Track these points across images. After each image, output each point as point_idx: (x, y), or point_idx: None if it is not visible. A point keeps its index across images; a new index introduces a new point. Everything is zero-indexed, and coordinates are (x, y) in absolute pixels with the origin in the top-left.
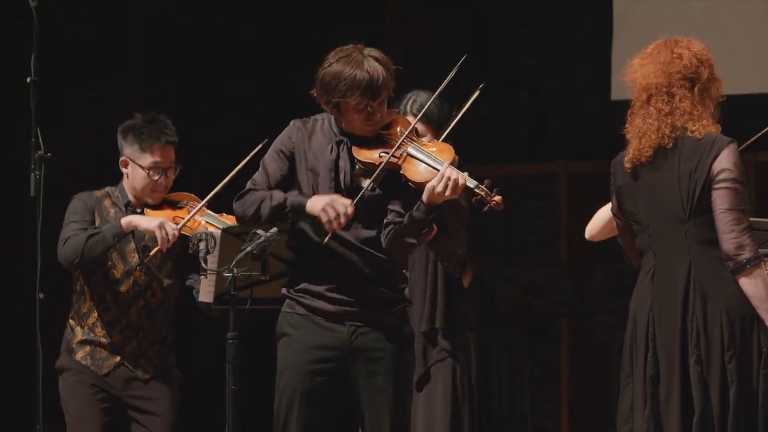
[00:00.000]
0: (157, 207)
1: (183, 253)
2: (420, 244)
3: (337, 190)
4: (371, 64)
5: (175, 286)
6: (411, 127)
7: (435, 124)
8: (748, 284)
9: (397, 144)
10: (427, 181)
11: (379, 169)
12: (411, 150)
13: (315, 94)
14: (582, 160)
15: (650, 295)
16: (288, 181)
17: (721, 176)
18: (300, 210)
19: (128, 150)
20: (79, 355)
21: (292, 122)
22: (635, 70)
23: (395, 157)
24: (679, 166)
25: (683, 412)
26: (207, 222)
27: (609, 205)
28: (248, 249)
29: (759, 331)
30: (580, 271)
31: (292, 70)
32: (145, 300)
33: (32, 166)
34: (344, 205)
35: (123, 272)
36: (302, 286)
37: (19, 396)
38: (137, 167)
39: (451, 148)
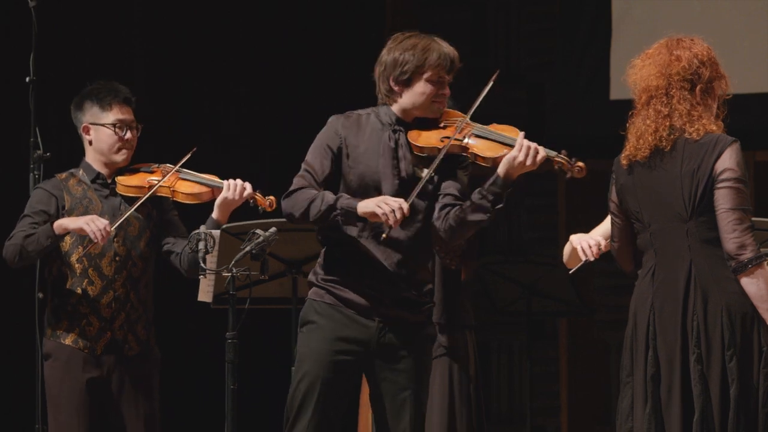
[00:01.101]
0: (130, 174)
1: (159, 216)
2: (491, 220)
3: (399, 178)
4: (445, 43)
5: (153, 256)
6: (473, 108)
7: None
8: (749, 284)
9: (460, 126)
10: (500, 156)
11: (442, 153)
12: (475, 131)
13: (377, 75)
14: (581, 159)
15: (651, 293)
16: (336, 178)
17: (724, 176)
18: (351, 212)
19: (87, 116)
20: (69, 340)
21: (333, 118)
22: (636, 72)
23: (458, 139)
24: (682, 165)
25: (684, 411)
26: (185, 179)
27: (574, 238)
28: (247, 249)
29: (759, 330)
30: (586, 266)
31: (292, 70)
32: (128, 270)
33: (31, 166)
34: (397, 201)
35: (102, 246)
36: (334, 276)
37: (18, 395)
38: (101, 128)
39: (515, 128)
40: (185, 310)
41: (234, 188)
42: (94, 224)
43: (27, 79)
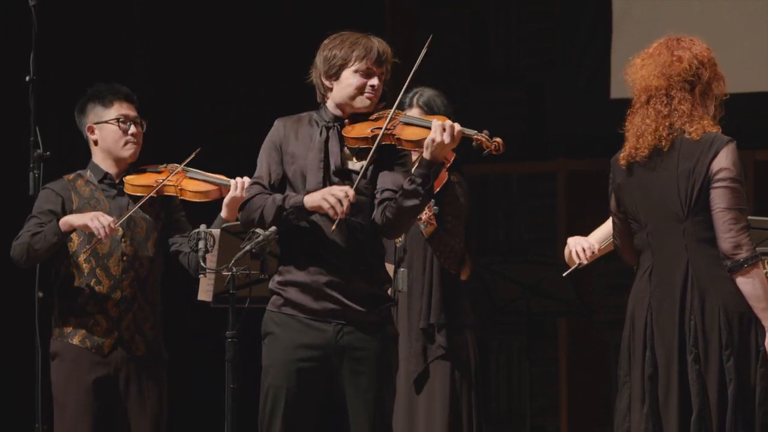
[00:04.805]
0: (137, 174)
1: (167, 217)
2: (422, 207)
3: (326, 171)
4: (377, 38)
5: (160, 257)
6: (398, 100)
7: None
8: (745, 283)
9: (389, 117)
10: (424, 138)
11: (376, 144)
12: (403, 119)
13: (312, 74)
14: (581, 159)
15: (648, 293)
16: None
17: (720, 175)
18: (299, 208)
19: (90, 116)
20: (76, 340)
21: (276, 120)
22: (636, 71)
23: (388, 129)
24: (678, 165)
25: (681, 410)
26: (192, 178)
27: (570, 241)
28: (247, 248)
29: (756, 330)
30: (579, 269)
31: (290, 69)
32: (135, 271)
33: (31, 165)
34: (342, 190)
35: (110, 246)
36: (289, 279)
37: (18, 395)
38: (104, 125)
39: (444, 117)
40: (185, 309)
41: (242, 186)
42: (98, 221)
43: (27, 79)
